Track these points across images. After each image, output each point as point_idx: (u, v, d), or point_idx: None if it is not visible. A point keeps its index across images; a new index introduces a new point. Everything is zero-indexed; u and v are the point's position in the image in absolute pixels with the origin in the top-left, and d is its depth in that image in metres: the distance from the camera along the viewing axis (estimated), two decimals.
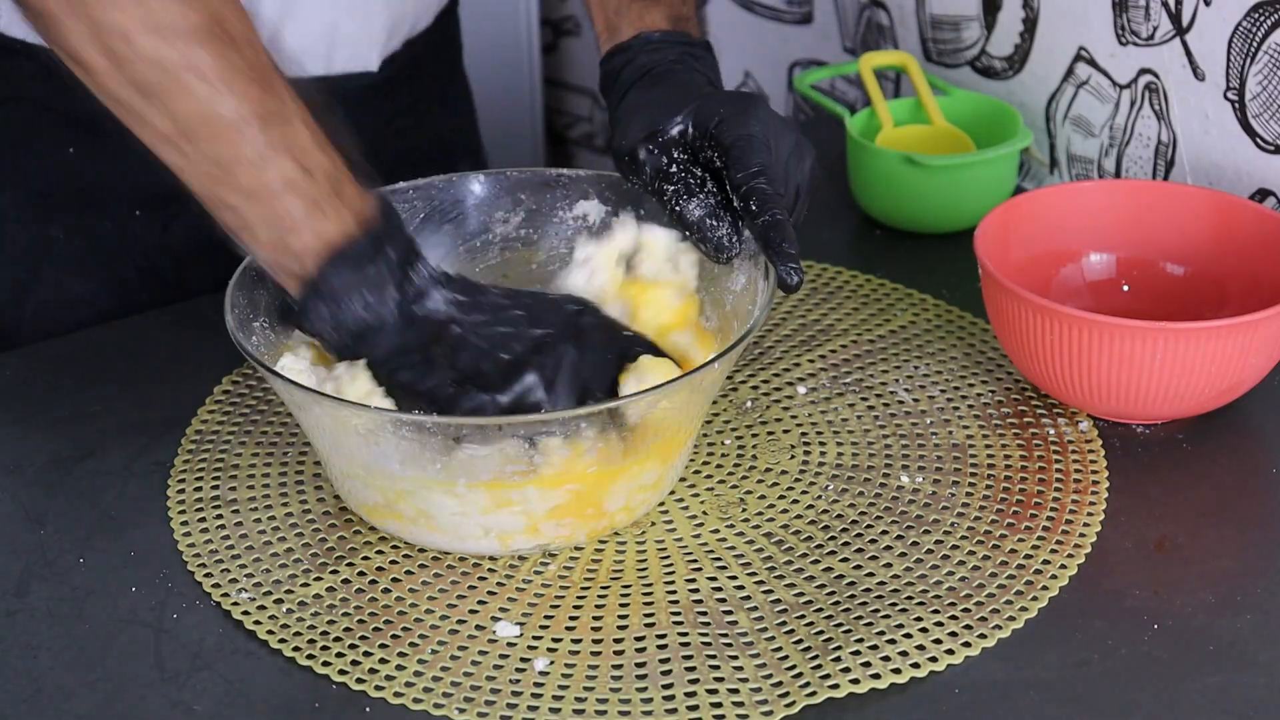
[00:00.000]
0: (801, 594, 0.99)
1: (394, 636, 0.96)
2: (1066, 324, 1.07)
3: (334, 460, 1.02)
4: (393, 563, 1.02)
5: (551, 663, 0.95)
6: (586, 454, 0.97)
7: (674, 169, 1.06)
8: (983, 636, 0.96)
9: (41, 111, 1.25)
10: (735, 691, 0.92)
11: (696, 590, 0.99)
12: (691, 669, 0.94)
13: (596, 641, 0.96)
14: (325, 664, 0.95)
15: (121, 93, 0.94)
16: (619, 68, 1.13)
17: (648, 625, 0.97)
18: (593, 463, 0.97)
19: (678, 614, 0.98)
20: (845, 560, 1.01)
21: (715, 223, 1.06)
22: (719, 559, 1.02)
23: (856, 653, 0.94)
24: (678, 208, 1.06)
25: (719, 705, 0.91)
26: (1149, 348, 1.06)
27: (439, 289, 1.00)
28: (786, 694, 0.92)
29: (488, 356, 0.98)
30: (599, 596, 0.99)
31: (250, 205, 0.96)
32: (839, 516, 1.05)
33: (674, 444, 1.03)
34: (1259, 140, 1.26)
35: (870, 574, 1.00)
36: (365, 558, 1.02)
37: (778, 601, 0.98)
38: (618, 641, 0.96)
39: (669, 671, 0.94)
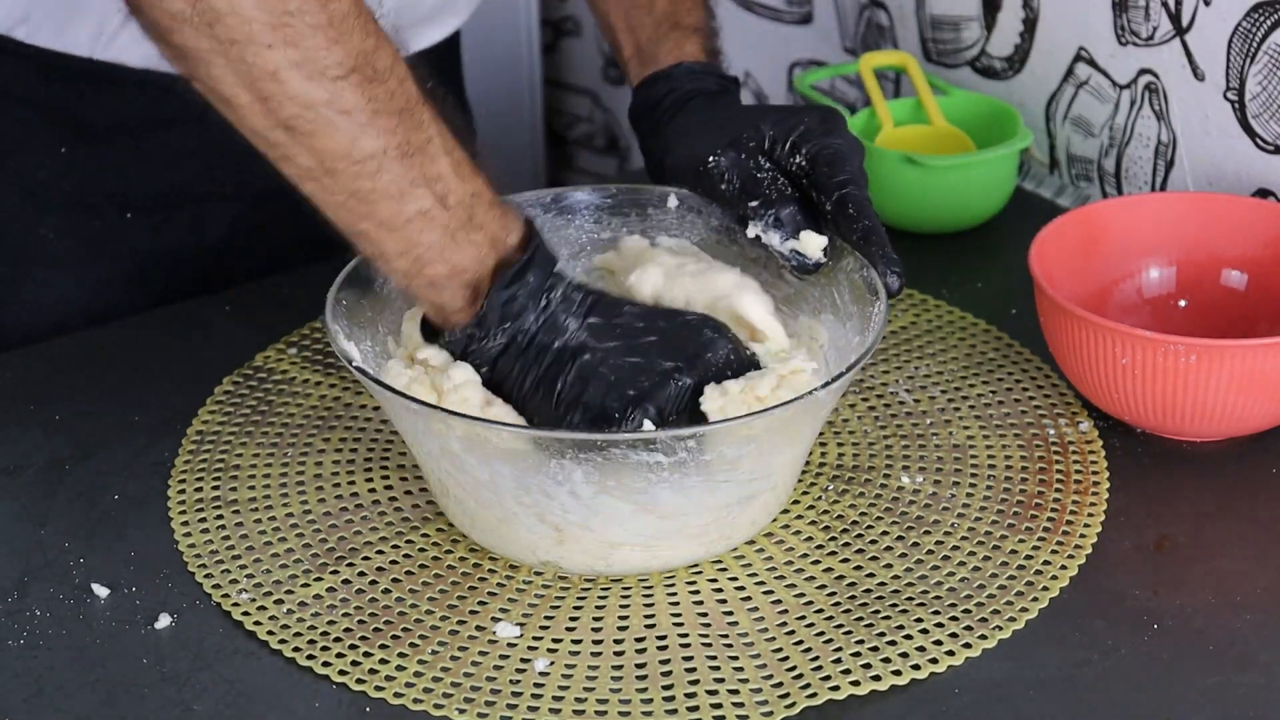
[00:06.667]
0: (801, 594, 0.99)
1: (394, 637, 0.96)
2: (1136, 344, 1.05)
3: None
4: (393, 563, 1.02)
5: (552, 663, 0.94)
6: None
7: (760, 175, 1.06)
8: (983, 637, 0.96)
9: (33, 111, 1.25)
10: (735, 692, 0.92)
11: (696, 590, 0.99)
12: (691, 669, 0.94)
13: (596, 642, 0.96)
14: (325, 664, 0.95)
15: (267, 131, 0.93)
16: (661, 94, 1.13)
17: (648, 626, 0.97)
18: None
19: (678, 614, 0.98)
20: (845, 561, 1.01)
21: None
22: (718, 560, 1.02)
23: (857, 654, 0.94)
24: (766, 215, 1.06)
25: (719, 706, 0.91)
26: (1216, 365, 1.04)
27: (573, 315, 0.98)
28: (786, 695, 0.92)
29: (615, 391, 0.97)
30: (599, 597, 0.99)
31: (386, 235, 0.96)
32: (839, 517, 1.05)
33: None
34: (1259, 140, 1.26)
35: (870, 575, 1.00)
36: (365, 558, 1.02)
37: (778, 602, 0.98)
38: (618, 642, 0.96)
39: (669, 672, 0.94)
